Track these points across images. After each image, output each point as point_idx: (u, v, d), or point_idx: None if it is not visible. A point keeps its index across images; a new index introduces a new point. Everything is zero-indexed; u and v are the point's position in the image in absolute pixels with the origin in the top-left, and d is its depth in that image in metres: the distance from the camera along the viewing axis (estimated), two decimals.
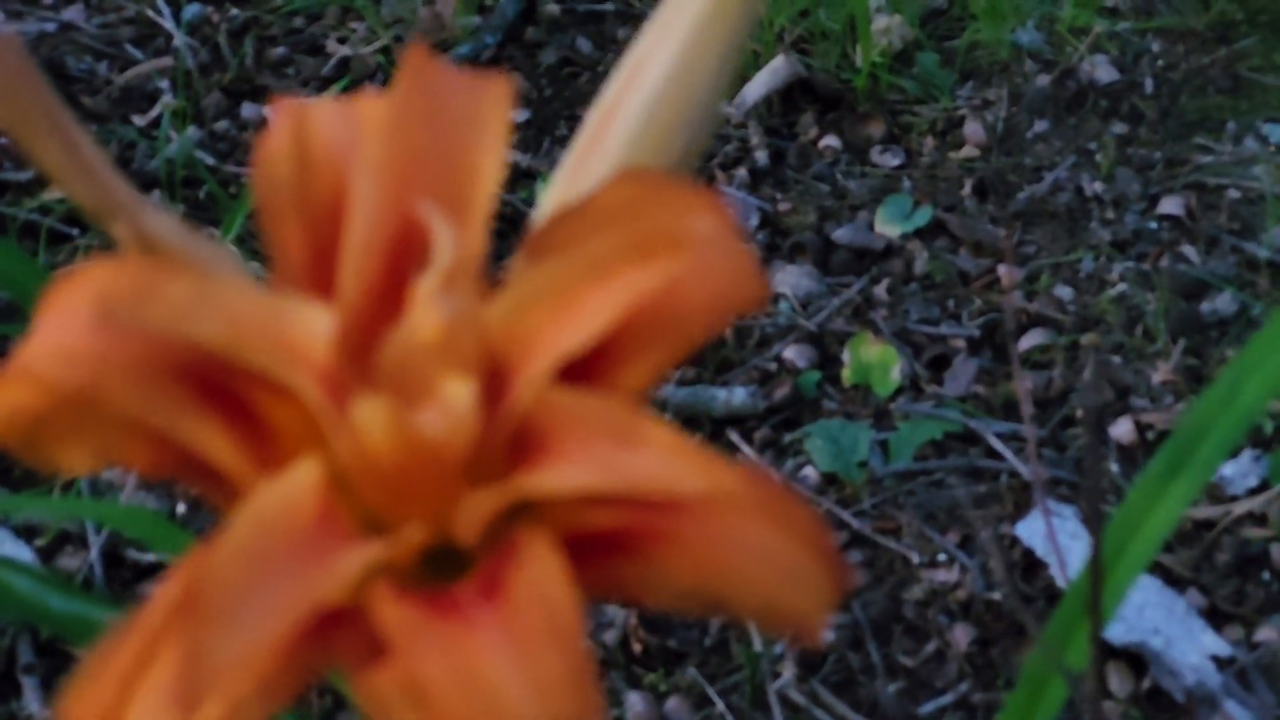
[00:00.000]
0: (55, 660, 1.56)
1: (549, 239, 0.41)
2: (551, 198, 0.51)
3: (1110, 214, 2.04)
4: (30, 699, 1.51)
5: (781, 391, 1.82)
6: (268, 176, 0.43)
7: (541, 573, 0.38)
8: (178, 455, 0.41)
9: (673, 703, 1.55)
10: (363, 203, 0.41)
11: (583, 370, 0.41)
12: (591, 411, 0.39)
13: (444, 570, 0.42)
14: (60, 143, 0.47)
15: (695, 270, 0.40)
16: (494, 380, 0.41)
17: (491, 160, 0.42)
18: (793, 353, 1.88)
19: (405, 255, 0.42)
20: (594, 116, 0.52)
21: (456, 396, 0.39)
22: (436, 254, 0.40)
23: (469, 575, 0.40)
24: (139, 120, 2.20)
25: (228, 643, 0.35)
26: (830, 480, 1.73)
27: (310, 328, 0.40)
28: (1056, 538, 1.59)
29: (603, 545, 0.39)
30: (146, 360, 0.39)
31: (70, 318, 0.39)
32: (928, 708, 1.55)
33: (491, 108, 0.42)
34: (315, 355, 0.40)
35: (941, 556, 1.67)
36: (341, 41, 2.37)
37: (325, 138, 0.43)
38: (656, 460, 0.37)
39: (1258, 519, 1.67)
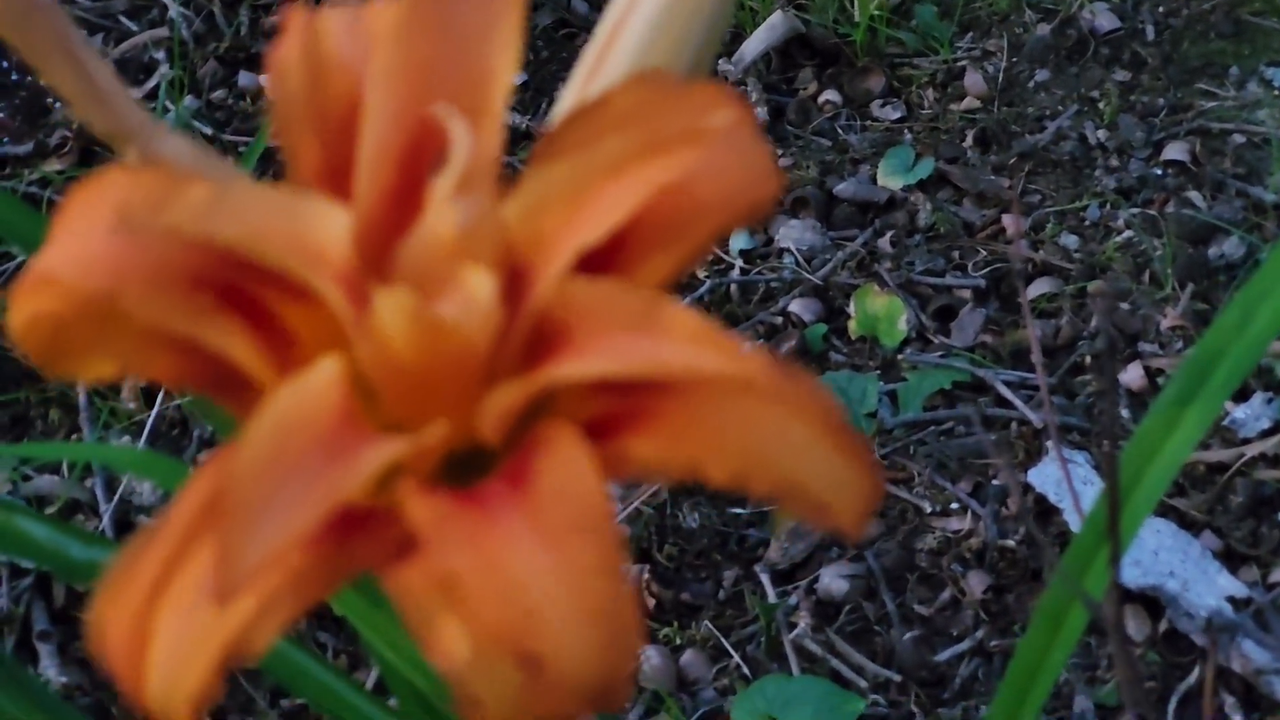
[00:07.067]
0: (70, 627, 1.56)
1: (563, 139, 0.41)
2: (564, 106, 0.51)
3: (1114, 161, 2.04)
4: (46, 665, 1.51)
5: (788, 345, 1.82)
6: (281, 86, 0.42)
7: (568, 464, 0.38)
8: (198, 362, 0.41)
9: (689, 656, 1.55)
10: (377, 106, 0.41)
11: (600, 268, 0.41)
12: (613, 299, 0.39)
13: (465, 477, 0.42)
14: (74, 67, 0.47)
15: (711, 163, 0.40)
16: (512, 279, 0.40)
17: (505, 61, 0.42)
18: (798, 306, 1.88)
19: (421, 158, 0.41)
20: (603, 28, 0.52)
21: (478, 287, 0.39)
22: (453, 154, 0.40)
23: (494, 473, 0.40)
24: (136, 91, 2.20)
25: (257, 537, 0.35)
26: None
27: (329, 228, 0.40)
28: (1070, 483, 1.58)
29: (621, 427, 0.39)
30: (167, 264, 0.39)
31: (90, 223, 0.39)
32: (944, 655, 1.55)
33: (503, 10, 0.42)
34: (334, 255, 0.40)
35: (954, 505, 1.67)
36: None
37: (337, 45, 0.43)
38: (680, 344, 0.37)
39: (1270, 461, 1.67)
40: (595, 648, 0.37)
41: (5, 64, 2.14)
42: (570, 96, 0.51)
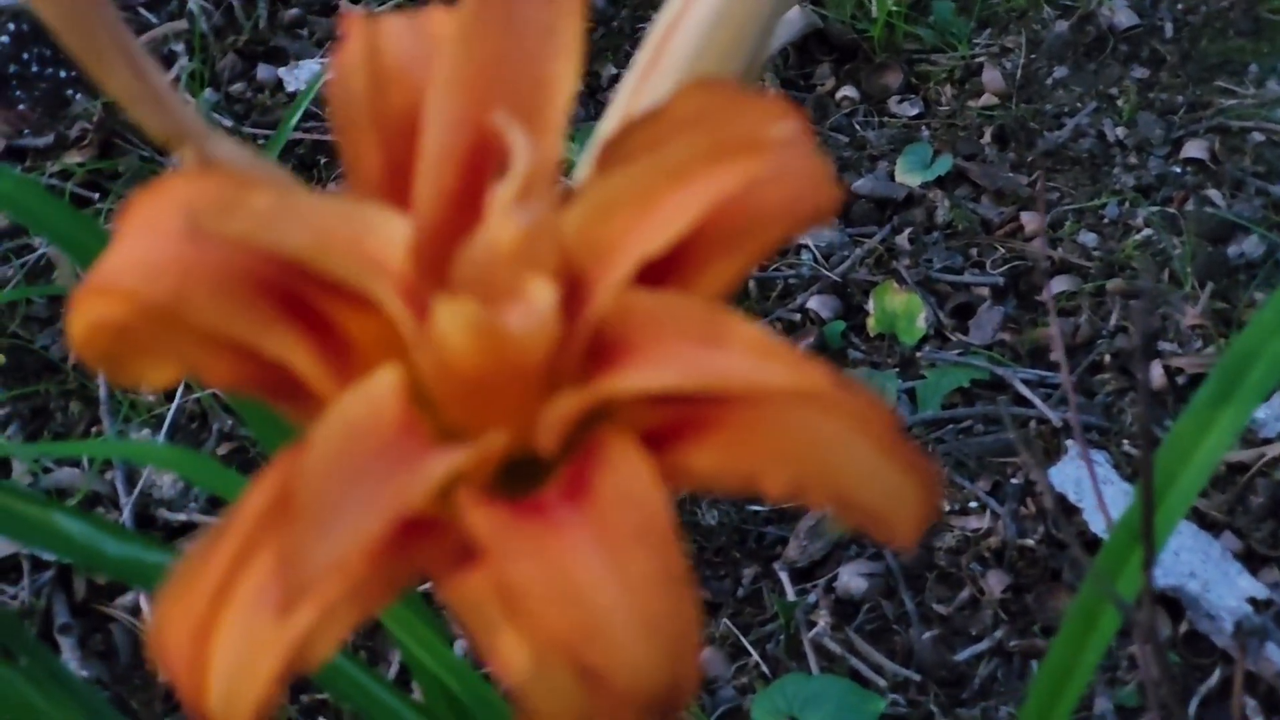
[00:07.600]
0: (91, 620, 1.57)
1: (622, 147, 0.41)
2: (615, 112, 0.51)
3: (1133, 159, 2.04)
4: (67, 658, 1.51)
5: (806, 342, 1.82)
6: (342, 90, 0.42)
7: (628, 473, 0.38)
8: (257, 368, 0.41)
9: (707, 654, 1.54)
10: (437, 112, 0.41)
11: (660, 277, 0.40)
12: (674, 310, 0.39)
13: (518, 487, 0.42)
14: (128, 68, 0.47)
15: (773, 173, 0.40)
16: (571, 288, 0.40)
17: (566, 68, 0.41)
18: (816, 303, 1.88)
19: (481, 165, 0.41)
20: (655, 33, 0.52)
21: (538, 296, 0.38)
22: (513, 161, 0.40)
23: (551, 482, 0.40)
24: None
25: (325, 544, 0.35)
26: None
27: (388, 236, 0.40)
28: (1090, 482, 1.58)
29: (679, 436, 0.39)
30: (230, 271, 0.39)
31: (154, 230, 0.39)
32: (963, 655, 1.55)
33: (563, 16, 0.42)
34: (394, 263, 0.40)
35: (973, 504, 1.66)
36: (355, 2, 2.36)
37: (398, 50, 0.43)
38: (743, 357, 0.37)
39: None
40: (657, 658, 0.37)
41: (26, 56, 2.14)
42: (622, 100, 0.51)
